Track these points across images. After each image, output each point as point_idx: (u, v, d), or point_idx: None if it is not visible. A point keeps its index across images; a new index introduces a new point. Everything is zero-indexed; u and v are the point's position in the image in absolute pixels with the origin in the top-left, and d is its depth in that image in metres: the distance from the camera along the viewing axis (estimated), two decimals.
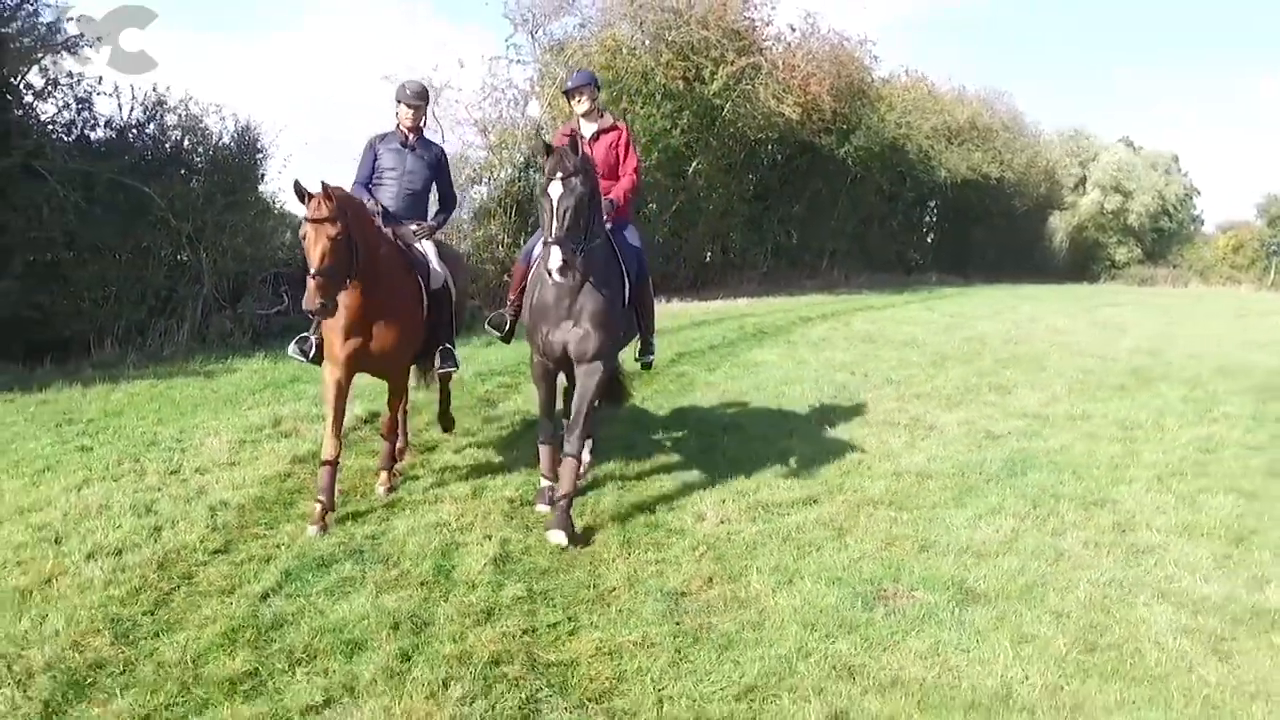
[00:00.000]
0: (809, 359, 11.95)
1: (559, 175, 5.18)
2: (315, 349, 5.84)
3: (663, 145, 20.12)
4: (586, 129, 6.30)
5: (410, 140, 6.36)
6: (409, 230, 6.21)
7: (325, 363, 5.74)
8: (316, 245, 5.02)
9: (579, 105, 6.30)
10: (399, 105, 6.33)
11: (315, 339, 5.86)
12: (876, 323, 16.81)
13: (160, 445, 7.00)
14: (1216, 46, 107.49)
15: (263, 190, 13.62)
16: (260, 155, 13.28)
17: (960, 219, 37.03)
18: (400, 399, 6.25)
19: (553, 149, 5.36)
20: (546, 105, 19.20)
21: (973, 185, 32.71)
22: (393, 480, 6.18)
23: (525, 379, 8.86)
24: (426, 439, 7.40)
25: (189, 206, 11.94)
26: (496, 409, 8.56)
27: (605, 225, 5.71)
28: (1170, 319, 20.85)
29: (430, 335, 6.12)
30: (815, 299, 22.51)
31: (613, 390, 6.25)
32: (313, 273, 5.01)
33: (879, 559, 5.16)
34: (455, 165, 17.94)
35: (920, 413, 8.83)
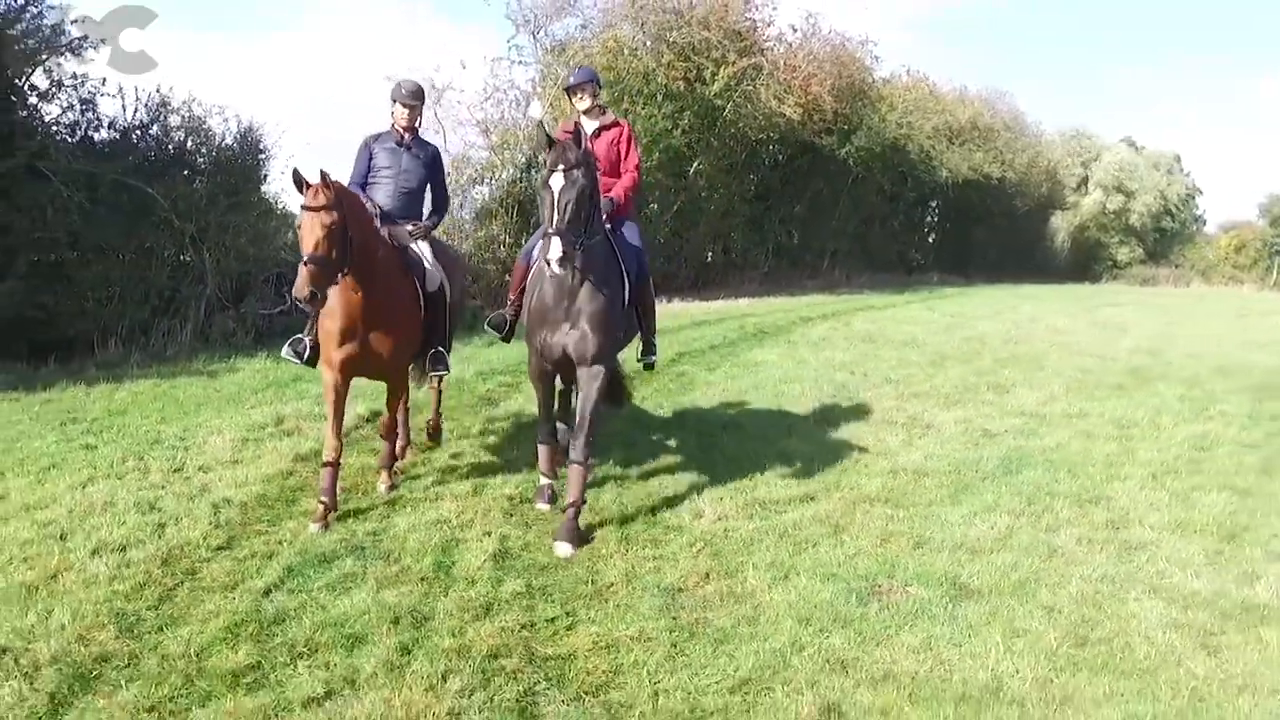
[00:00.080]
0: (809, 358, 12.00)
1: (561, 167, 5.16)
2: (310, 350, 5.84)
3: (664, 145, 20.17)
4: (588, 126, 6.24)
5: (406, 139, 6.36)
6: (404, 231, 6.21)
7: (322, 365, 5.74)
8: (311, 233, 5.02)
9: (580, 102, 6.29)
10: (394, 105, 6.34)
11: (309, 340, 5.85)
12: (877, 322, 16.86)
13: (164, 444, 7.07)
14: (1217, 46, 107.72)
15: (265, 191, 13.74)
16: (263, 156, 13.37)
17: (962, 219, 37.09)
18: (399, 399, 6.27)
19: (554, 141, 5.34)
20: (548, 106, 19.27)
21: (974, 185, 32.75)
22: (393, 479, 6.24)
23: (526, 378, 8.91)
24: (427, 438, 7.45)
25: (192, 207, 12.03)
26: (497, 408, 8.63)
27: (604, 223, 5.70)
28: (1171, 319, 20.89)
29: (425, 337, 6.12)
30: (816, 299, 22.56)
31: (613, 391, 6.27)
32: (305, 259, 4.99)
33: (874, 555, 5.21)
34: (457, 166, 18.08)
35: (918, 411, 8.88)
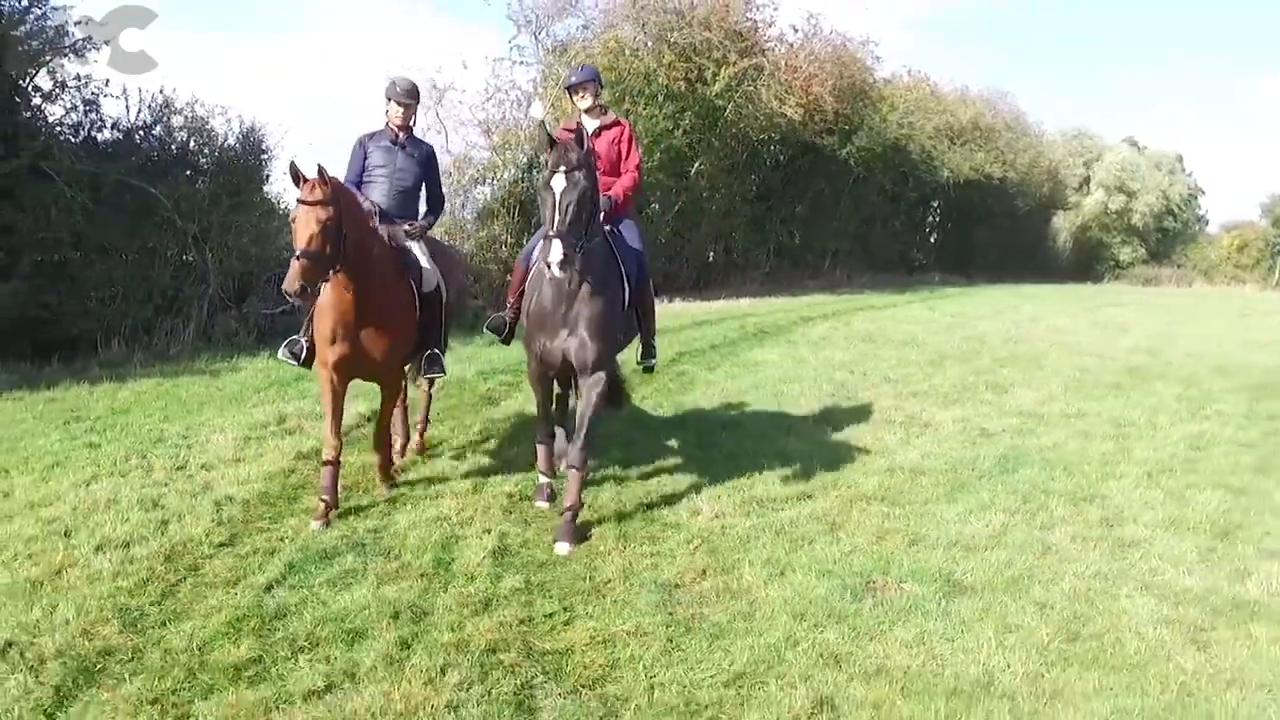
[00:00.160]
0: (808, 358, 12.05)
1: (562, 169, 5.13)
2: (306, 351, 5.82)
3: (665, 146, 20.23)
4: (589, 125, 6.20)
5: (400, 138, 6.34)
6: (400, 231, 6.17)
7: (317, 364, 5.73)
8: (305, 227, 4.98)
9: (582, 101, 6.26)
10: (389, 103, 6.32)
11: (306, 341, 5.83)
12: (877, 322, 16.91)
13: (167, 442, 7.13)
14: (1218, 46, 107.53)
15: (267, 191, 13.79)
16: (265, 156, 13.43)
17: (963, 219, 37.15)
18: (392, 405, 6.22)
19: (556, 141, 5.31)
20: (550, 106, 19.32)
21: (976, 185, 32.80)
22: (394, 477, 6.27)
23: (526, 378, 8.96)
24: (429, 436, 7.50)
25: (195, 207, 12.09)
26: (498, 407, 8.68)
27: (603, 224, 5.69)
28: (1172, 319, 20.93)
29: (420, 338, 6.08)
30: (817, 299, 22.61)
31: (612, 393, 6.23)
32: (298, 254, 4.96)
33: (869, 552, 5.26)
34: (459, 166, 18.14)
35: (916, 410, 8.93)
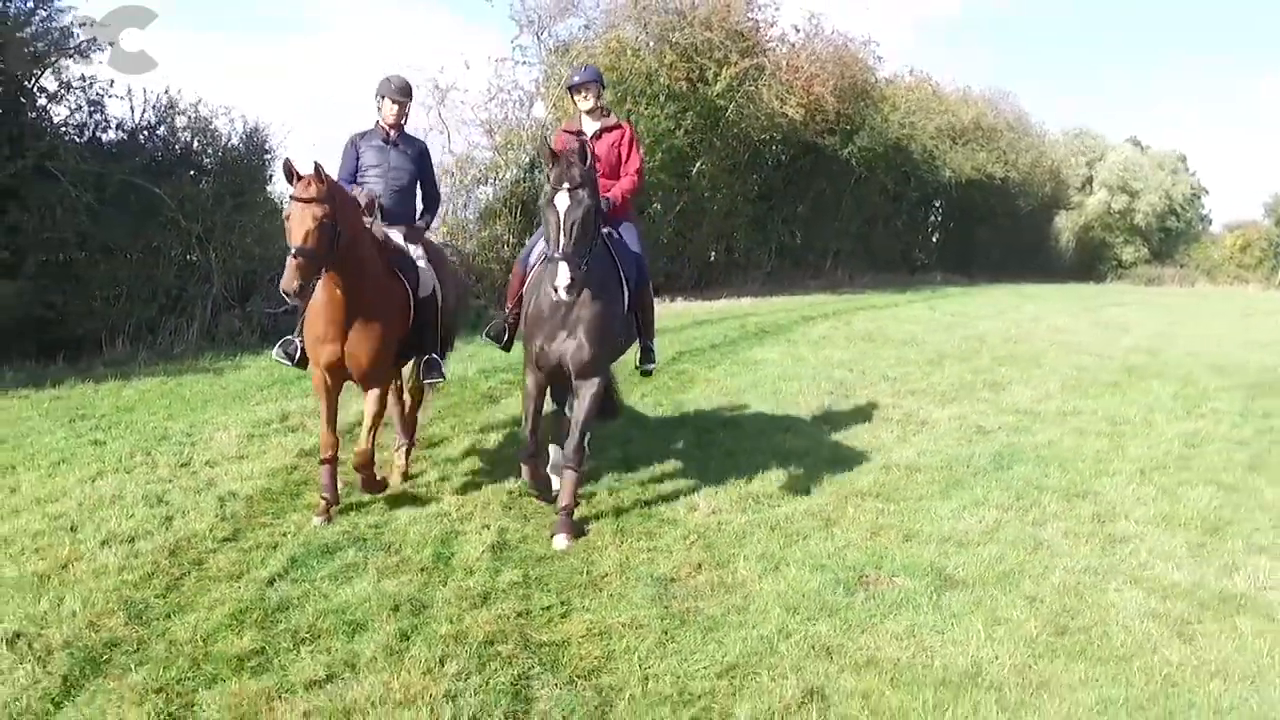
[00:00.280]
0: (808, 357, 12.12)
1: (565, 186, 5.05)
2: (300, 351, 5.77)
3: (667, 146, 20.31)
4: (589, 126, 6.18)
5: (392, 136, 6.24)
6: (399, 233, 6.12)
7: (311, 364, 5.72)
8: (301, 224, 4.92)
9: (584, 102, 6.17)
10: (383, 100, 6.20)
11: (299, 341, 5.78)
12: (877, 321, 16.97)
13: (171, 439, 7.22)
14: (1219, 47, 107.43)
15: (270, 191, 13.88)
16: (268, 156, 13.53)
17: (965, 219, 37.18)
18: (378, 414, 5.81)
19: (558, 156, 5.22)
20: (552, 106, 19.42)
21: (977, 185, 32.85)
22: (385, 484, 6.07)
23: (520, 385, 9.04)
24: (431, 434, 7.59)
25: (199, 207, 12.20)
26: (499, 405, 8.76)
27: (602, 227, 5.62)
28: (1173, 318, 20.98)
29: (416, 342, 6.02)
30: (819, 299, 22.67)
31: (605, 404, 6.10)
32: (293, 252, 4.90)
33: (863, 547, 5.33)
34: (461, 166, 18.23)
35: (914, 409, 9.00)
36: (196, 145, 13.02)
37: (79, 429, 7.52)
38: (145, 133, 12.58)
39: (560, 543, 5.33)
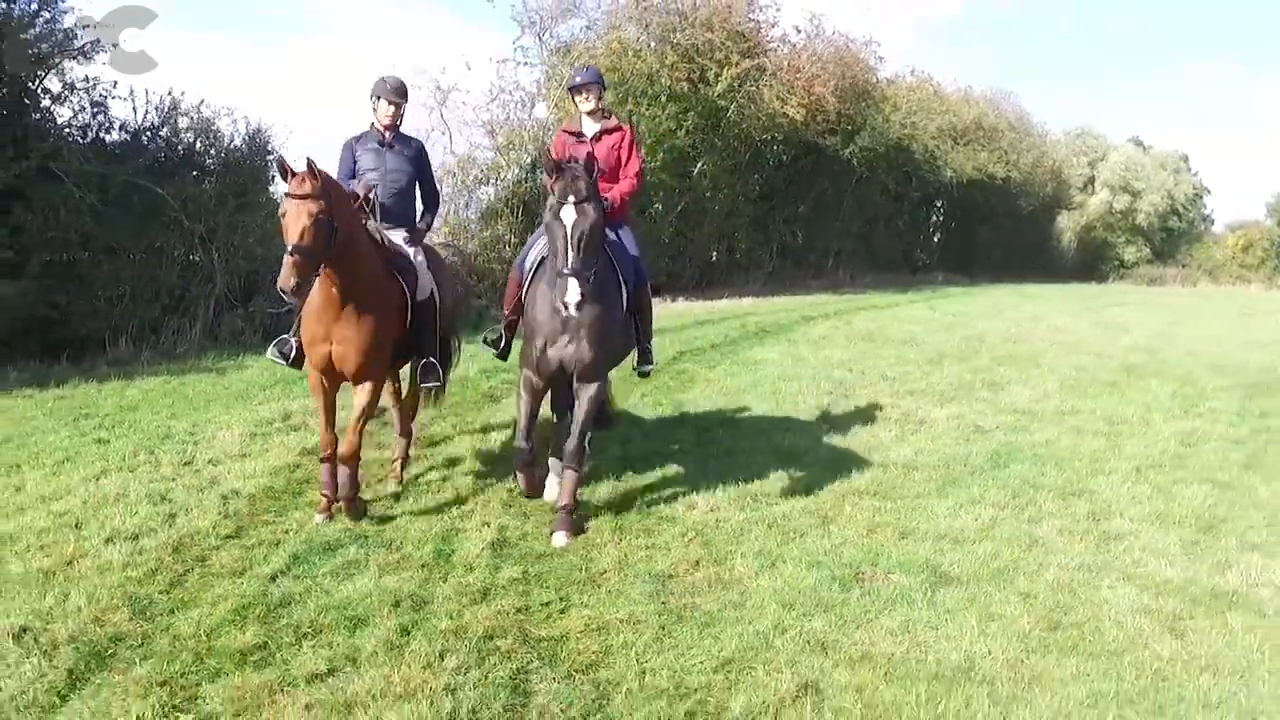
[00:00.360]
0: (808, 356, 12.16)
1: (572, 199, 4.99)
2: (295, 351, 5.75)
3: (668, 146, 20.38)
4: (590, 127, 6.17)
5: (388, 138, 6.18)
6: (400, 235, 6.12)
7: (307, 363, 5.70)
8: (296, 221, 4.87)
9: (585, 103, 6.15)
10: (378, 101, 6.13)
11: (295, 341, 5.75)
12: (878, 321, 17.01)
13: (174, 438, 7.28)
14: (1223, 45, 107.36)
15: (273, 191, 13.91)
16: (270, 157, 13.57)
17: (966, 219, 37.22)
18: (366, 414, 5.66)
19: (563, 169, 5.15)
20: (553, 107, 19.48)
21: (979, 185, 32.88)
22: (363, 505, 5.80)
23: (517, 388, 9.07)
24: (432, 433, 7.65)
25: (201, 208, 12.26)
26: (499, 404, 8.82)
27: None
28: (1174, 318, 21.01)
29: (414, 344, 6.01)
30: (820, 298, 22.72)
31: (600, 414, 6.05)
32: (290, 250, 4.85)
33: (859, 545, 5.38)
34: (463, 166, 18.29)
35: (912, 408, 9.04)
36: (199, 146, 13.07)
37: (83, 428, 7.58)
38: (148, 133, 12.64)
39: (559, 540, 5.38)
